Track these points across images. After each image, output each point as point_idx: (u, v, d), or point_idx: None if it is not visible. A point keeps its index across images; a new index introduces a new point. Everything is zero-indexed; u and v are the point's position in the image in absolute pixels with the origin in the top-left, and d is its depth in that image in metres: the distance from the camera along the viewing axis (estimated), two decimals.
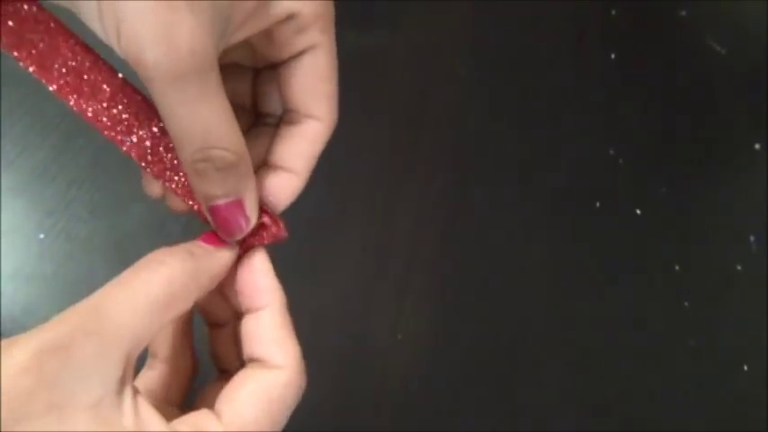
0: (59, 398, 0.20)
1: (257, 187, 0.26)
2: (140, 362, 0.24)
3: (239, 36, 0.25)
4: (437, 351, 0.52)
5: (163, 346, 0.29)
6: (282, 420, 0.25)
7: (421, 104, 0.63)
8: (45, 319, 0.22)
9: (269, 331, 0.26)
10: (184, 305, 0.24)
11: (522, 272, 0.56)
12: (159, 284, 0.23)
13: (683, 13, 0.72)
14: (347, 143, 0.59)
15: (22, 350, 0.20)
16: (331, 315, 0.52)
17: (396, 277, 0.54)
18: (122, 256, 0.49)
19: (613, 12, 0.71)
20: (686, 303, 0.56)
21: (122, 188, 0.52)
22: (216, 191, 0.24)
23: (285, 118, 0.29)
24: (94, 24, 0.22)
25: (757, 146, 0.64)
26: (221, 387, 0.26)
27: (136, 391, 0.23)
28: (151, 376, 0.29)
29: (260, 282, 0.27)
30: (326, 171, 0.27)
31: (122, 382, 0.22)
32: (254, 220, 0.26)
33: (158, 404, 0.24)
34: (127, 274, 0.23)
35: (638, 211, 0.60)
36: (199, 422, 0.23)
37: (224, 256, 0.26)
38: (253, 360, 0.26)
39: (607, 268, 0.57)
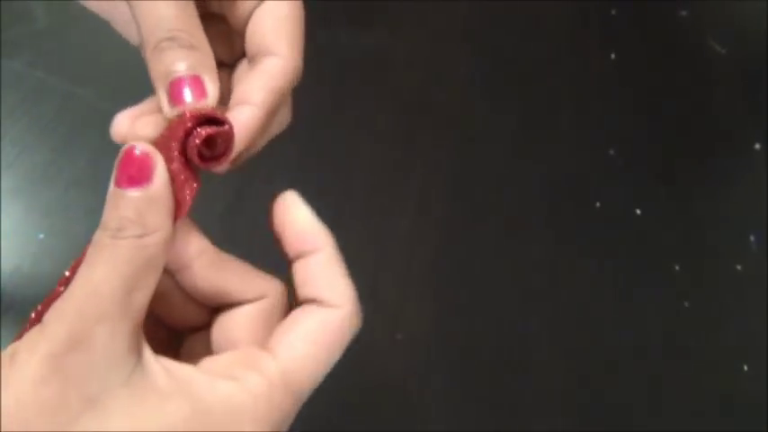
0: (93, 391, 0.20)
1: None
2: None
3: None
4: (437, 351, 0.52)
5: None
6: (336, 357, 0.25)
7: (421, 104, 0.63)
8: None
9: (321, 275, 0.25)
10: (162, 256, 0.23)
11: (521, 272, 0.56)
12: (127, 253, 0.22)
13: (683, 13, 0.72)
14: (347, 142, 0.59)
15: (30, 361, 0.20)
16: None
17: (396, 277, 0.54)
18: None
19: (613, 12, 0.71)
20: (686, 303, 0.56)
21: None
22: (178, 66, 0.25)
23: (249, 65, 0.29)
24: None
25: (757, 146, 0.64)
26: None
27: (154, 354, 0.23)
28: None
29: (302, 227, 0.26)
30: (326, 170, 0.27)
31: (140, 349, 0.22)
32: (213, 95, 0.25)
33: None
34: (90, 259, 0.22)
35: (638, 211, 0.60)
36: (251, 360, 0.23)
37: (159, 181, 0.23)
38: (307, 301, 0.25)
39: (607, 268, 0.57)
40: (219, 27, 0.28)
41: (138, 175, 0.23)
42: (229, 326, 0.26)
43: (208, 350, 0.26)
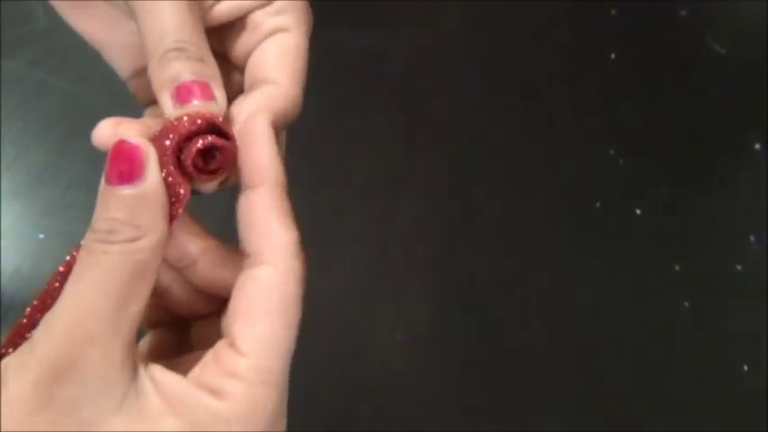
0: (85, 418, 0.20)
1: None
2: None
3: (224, 12, 0.27)
4: (437, 351, 0.52)
5: None
6: (296, 318, 0.23)
7: (420, 104, 0.63)
8: None
9: (252, 219, 0.24)
10: (157, 259, 0.22)
11: (521, 272, 0.56)
12: (118, 259, 0.21)
13: (683, 13, 0.72)
14: (346, 143, 0.59)
15: (19, 388, 0.20)
16: (331, 315, 0.52)
17: (396, 277, 0.54)
18: None
19: (613, 12, 0.71)
20: (686, 303, 0.56)
21: None
22: (185, 74, 0.24)
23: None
24: None
25: (757, 146, 0.64)
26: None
27: (147, 365, 0.22)
28: None
29: (252, 154, 0.24)
30: (326, 171, 0.27)
31: (134, 366, 0.21)
32: (221, 101, 0.24)
33: None
34: (79, 269, 0.21)
35: (638, 211, 0.60)
36: (226, 365, 0.22)
37: (150, 186, 0.22)
38: (245, 254, 0.24)
39: (607, 268, 0.57)
40: (219, 65, 0.28)
41: (129, 170, 0.22)
42: None
43: (218, 335, 0.26)
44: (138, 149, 0.22)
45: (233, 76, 0.29)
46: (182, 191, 0.23)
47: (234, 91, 0.29)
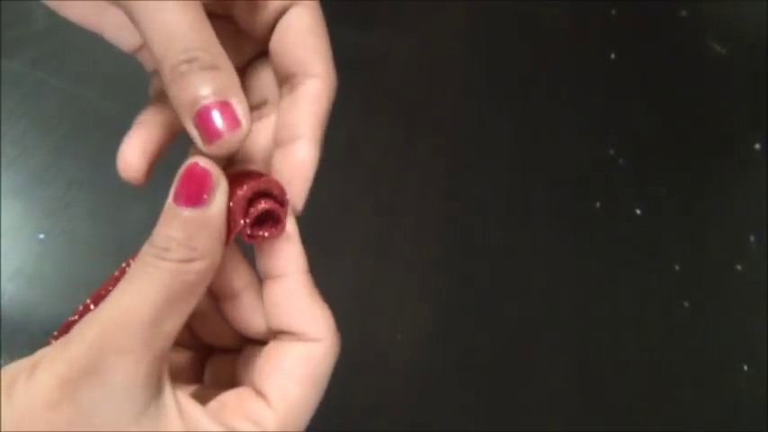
0: (102, 423, 0.20)
1: (272, 172, 0.26)
2: None
3: None
4: (437, 351, 0.52)
5: None
6: (324, 388, 0.25)
7: (421, 104, 0.63)
8: (45, 319, 0.22)
9: (297, 302, 0.24)
10: (204, 284, 0.22)
11: (521, 272, 0.56)
12: (168, 276, 0.21)
13: (683, 13, 0.72)
14: (347, 143, 0.59)
15: (47, 381, 0.20)
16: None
17: (396, 277, 0.54)
18: (122, 256, 0.49)
19: (613, 12, 0.71)
20: (686, 303, 0.56)
21: (122, 189, 0.52)
22: (203, 90, 0.22)
23: (283, 91, 0.28)
24: None
25: (757, 146, 0.64)
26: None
27: (174, 387, 0.22)
28: None
29: (283, 246, 0.25)
30: (326, 170, 0.27)
31: (160, 384, 0.21)
32: (246, 125, 0.23)
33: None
34: (130, 277, 0.22)
35: (638, 211, 0.60)
36: (250, 412, 0.23)
37: (215, 212, 0.22)
38: (284, 332, 0.25)
39: (607, 268, 0.57)
40: (225, 28, 0.27)
41: (197, 193, 0.22)
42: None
43: (232, 377, 0.26)
44: (210, 175, 0.22)
45: (242, 39, 0.28)
46: (239, 219, 0.23)
47: (244, 55, 0.28)
